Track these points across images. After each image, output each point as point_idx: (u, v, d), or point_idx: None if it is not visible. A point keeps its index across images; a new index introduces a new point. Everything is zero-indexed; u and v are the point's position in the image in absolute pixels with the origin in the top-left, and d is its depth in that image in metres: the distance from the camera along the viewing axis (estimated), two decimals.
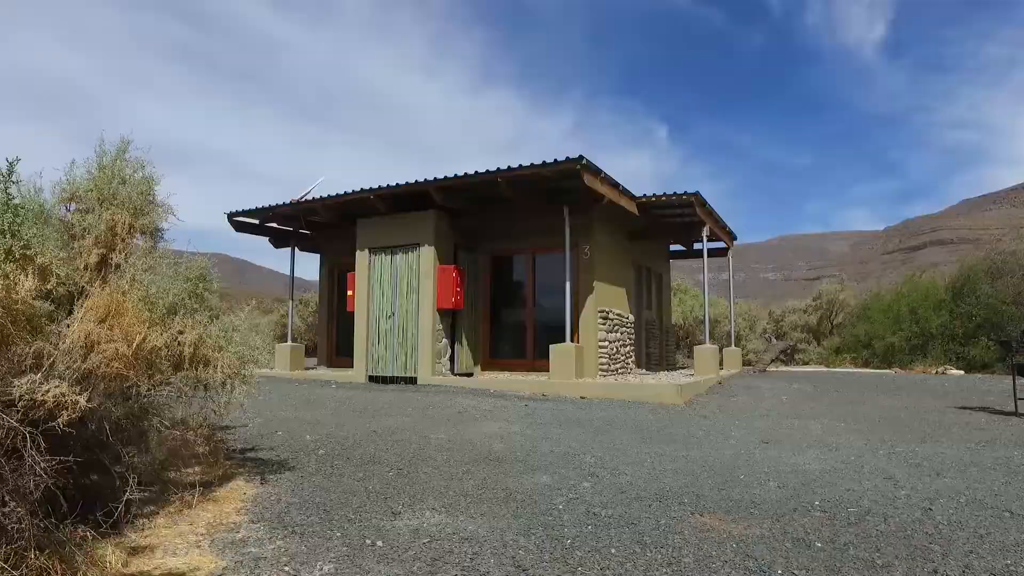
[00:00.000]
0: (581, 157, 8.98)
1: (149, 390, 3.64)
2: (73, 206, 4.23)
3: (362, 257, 11.72)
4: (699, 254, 13.74)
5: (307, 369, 13.42)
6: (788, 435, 6.31)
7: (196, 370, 3.76)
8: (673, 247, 16.18)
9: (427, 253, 11.01)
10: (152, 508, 3.38)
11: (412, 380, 10.90)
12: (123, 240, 3.97)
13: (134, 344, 2.90)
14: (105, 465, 3.05)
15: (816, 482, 4.28)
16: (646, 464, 4.81)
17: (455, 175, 10.15)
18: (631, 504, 3.71)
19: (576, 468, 4.61)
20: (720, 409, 8.24)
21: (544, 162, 9.30)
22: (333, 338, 14.17)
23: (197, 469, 4.06)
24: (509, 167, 9.68)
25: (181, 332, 3.74)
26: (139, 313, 2.99)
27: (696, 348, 11.70)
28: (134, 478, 3.01)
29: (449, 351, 11.24)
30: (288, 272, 13.94)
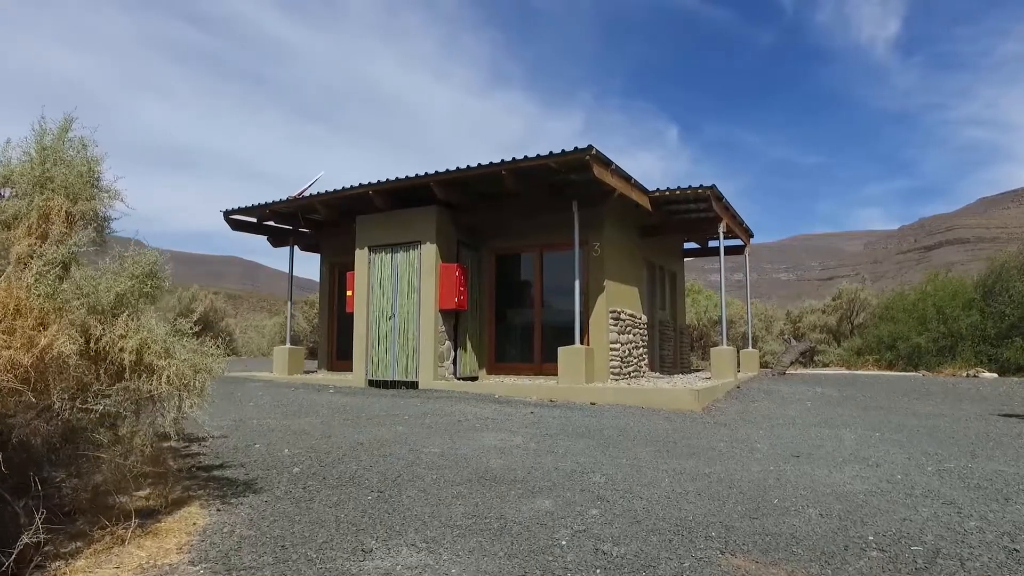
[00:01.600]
0: (590, 147, 8.39)
1: (84, 403, 3.12)
2: (8, 191, 3.73)
3: (361, 256, 11.20)
4: (714, 252, 13.07)
5: (307, 372, 12.92)
6: (819, 447, 5.69)
7: (139, 380, 3.23)
8: (687, 245, 15.52)
9: (429, 251, 10.47)
10: (78, 544, 2.84)
11: (413, 384, 10.35)
12: (60, 229, 3.46)
13: (36, 350, 2.37)
14: (7, 499, 2.52)
15: (863, 508, 3.67)
16: (663, 484, 4.22)
17: (457, 168, 9.60)
18: (647, 538, 3.12)
19: (583, 490, 4.03)
20: (741, 416, 7.62)
21: (551, 152, 8.72)
22: (334, 340, 13.64)
23: (145, 493, 3.53)
24: (514, 159, 9.11)
25: (123, 336, 3.22)
26: (45, 314, 2.45)
27: (713, 350, 11.05)
28: (43, 513, 2.48)
29: (452, 354, 10.69)
30: (297, 273, 13.49)
